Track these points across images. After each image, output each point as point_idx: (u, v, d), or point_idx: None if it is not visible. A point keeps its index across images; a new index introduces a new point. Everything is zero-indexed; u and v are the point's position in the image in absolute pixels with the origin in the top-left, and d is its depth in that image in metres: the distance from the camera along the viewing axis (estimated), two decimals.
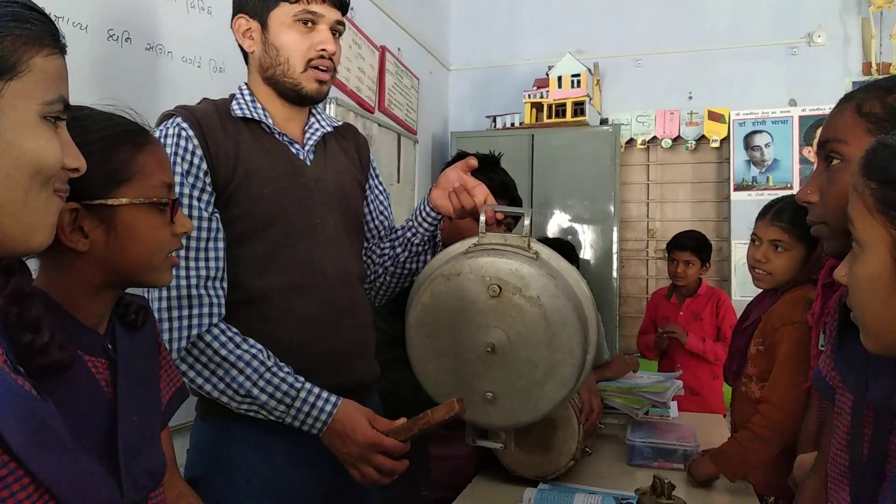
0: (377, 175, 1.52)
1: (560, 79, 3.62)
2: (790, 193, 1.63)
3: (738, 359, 1.74)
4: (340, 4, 1.30)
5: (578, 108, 3.61)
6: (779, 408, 1.53)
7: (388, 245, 1.47)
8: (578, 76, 3.59)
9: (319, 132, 1.35)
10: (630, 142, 3.90)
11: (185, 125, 1.19)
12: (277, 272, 1.24)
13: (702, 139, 3.81)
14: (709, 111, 3.76)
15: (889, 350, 0.75)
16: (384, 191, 1.53)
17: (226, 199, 1.21)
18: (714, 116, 3.76)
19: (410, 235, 1.42)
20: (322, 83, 1.29)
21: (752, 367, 1.67)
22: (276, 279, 1.24)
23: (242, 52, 1.33)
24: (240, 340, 1.18)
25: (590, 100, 3.62)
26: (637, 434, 1.80)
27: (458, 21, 4.22)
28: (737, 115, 3.71)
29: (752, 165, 3.68)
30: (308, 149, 1.33)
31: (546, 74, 3.71)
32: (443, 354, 1.26)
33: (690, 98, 3.81)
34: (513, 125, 3.81)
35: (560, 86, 3.63)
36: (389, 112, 3.27)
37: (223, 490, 1.21)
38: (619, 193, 3.65)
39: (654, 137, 3.88)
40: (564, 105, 3.63)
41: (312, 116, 1.37)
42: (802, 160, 3.59)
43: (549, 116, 3.67)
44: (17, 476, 0.57)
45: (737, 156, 3.70)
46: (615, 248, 3.60)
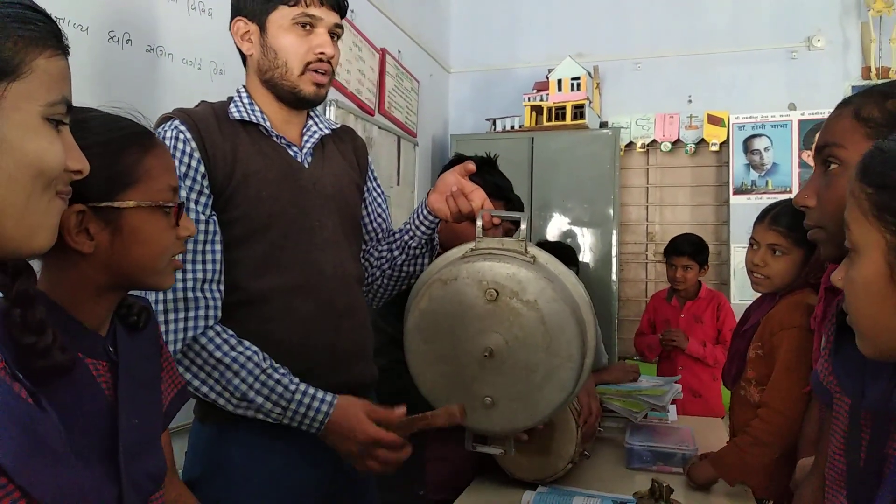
0: (375, 177, 1.52)
1: (560, 82, 3.63)
2: (789, 197, 1.63)
3: (737, 362, 1.74)
4: (339, 7, 1.30)
5: (578, 112, 3.61)
6: (778, 412, 1.53)
7: (386, 248, 1.48)
8: (578, 79, 3.60)
9: (317, 134, 1.35)
10: (629, 145, 3.90)
11: (183, 128, 1.19)
12: (276, 273, 1.24)
13: (701, 143, 3.82)
14: (708, 115, 3.76)
15: (885, 354, 0.75)
16: (382, 193, 1.53)
17: (224, 202, 1.22)
18: (713, 120, 3.76)
19: (408, 238, 1.42)
20: (320, 86, 1.29)
21: (751, 371, 1.67)
22: (275, 280, 1.24)
23: (241, 55, 1.33)
24: (235, 342, 1.18)
25: (589, 103, 3.63)
26: (636, 437, 1.80)
27: (459, 24, 4.23)
28: (736, 119, 3.71)
29: (752, 169, 3.68)
30: (306, 151, 1.33)
31: (546, 77, 3.72)
32: (441, 359, 1.26)
33: (690, 101, 3.82)
34: (512, 128, 3.81)
35: (560, 89, 3.64)
36: (389, 114, 3.27)
37: (222, 492, 1.20)
38: (619, 197, 3.65)
39: (654, 141, 3.88)
40: (564, 108, 3.63)
41: (310, 119, 1.38)
42: (802, 164, 3.59)
43: (549, 119, 3.67)
44: (8, 490, 0.56)
45: (736, 159, 3.70)
46: (614, 252, 3.60)
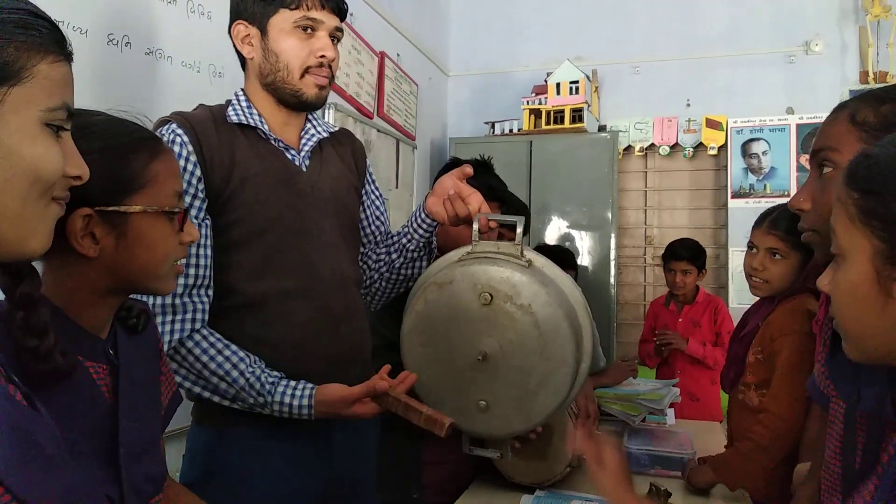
0: (373, 180, 1.52)
1: (558, 85, 3.64)
2: (787, 201, 1.63)
3: (736, 367, 1.74)
4: (339, 11, 1.30)
5: (577, 115, 3.62)
6: (779, 417, 1.53)
7: (384, 251, 1.48)
8: (577, 83, 3.60)
9: (315, 138, 1.36)
10: (628, 149, 3.91)
11: (180, 131, 1.20)
12: (274, 277, 1.24)
13: (699, 146, 3.82)
14: (706, 118, 3.77)
15: (871, 358, 0.75)
16: (380, 196, 1.53)
17: (221, 205, 1.22)
18: (712, 124, 3.77)
19: (406, 241, 1.42)
20: (321, 88, 1.30)
21: (751, 376, 1.67)
22: (273, 284, 1.24)
23: (240, 58, 1.33)
24: (222, 346, 1.19)
25: (588, 106, 3.63)
26: (634, 441, 1.80)
27: (458, 27, 4.23)
28: (734, 123, 3.72)
29: (750, 173, 3.69)
30: (304, 154, 1.33)
31: (544, 81, 3.72)
32: (436, 362, 1.26)
33: (688, 105, 3.82)
34: (511, 131, 3.82)
35: (558, 92, 3.64)
36: (388, 118, 3.28)
37: (220, 494, 1.20)
38: (617, 200, 3.65)
39: (652, 144, 3.88)
40: (563, 111, 3.64)
41: (309, 122, 1.38)
42: (800, 168, 3.59)
43: (548, 123, 3.68)
44: None
45: (734, 163, 3.71)
46: (613, 255, 3.60)
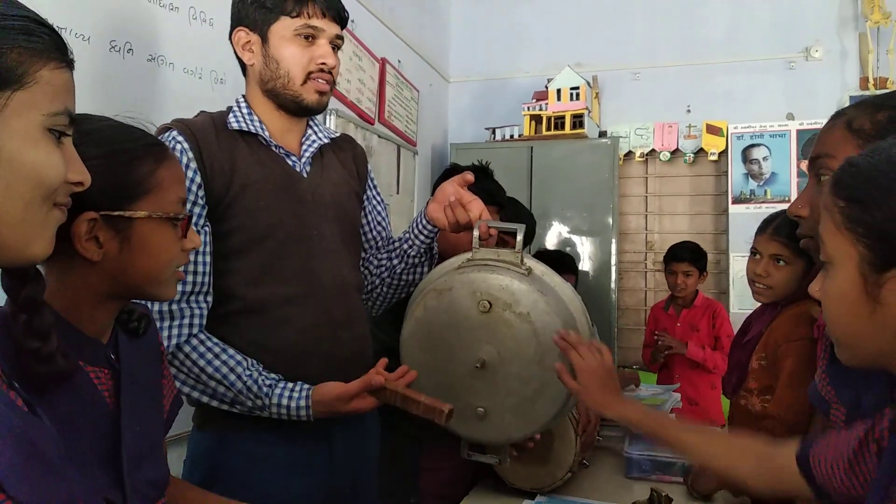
0: (375, 186, 1.53)
1: (559, 91, 3.64)
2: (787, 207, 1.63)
3: (738, 372, 1.73)
4: (340, 19, 1.31)
5: (577, 121, 3.62)
6: (784, 423, 1.53)
7: (385, 256, 1.48)
8: (577, 89, 3.61)
9: (316, 144, 1.36)
10: (628, 154, 3.91)
11: (181, 138, 1.20)
12: (274, 283, 1.25)
13: (700, 152, 3.83)
14: (707, 124, 3.78)
15: (864, 363, 0.77)
16: (382, 201, 1.54)
17: (221, 212, 1.22)
18: (712, 130, 3.77)
19: (407, 247, 1.43)
20: (322, 94, 1.31)
21: (753, 382, 1.66)
22: (273, 290, 1.25)
23: (240, 64, 1.34)
24: (219, 350, 1.19)
25: (588, 112, 3.64)
26: (635, 446, 1.79)
27: (458, 33, 4.25)
28: (735, 129, 3.72)
29: (750, 178, 3.69)
30: (305, 161, 1.34)
31: (545, 87, 3.73)
32: (435, 369, 1.26)
33: (689, 111, 3.83)
34: (512, 137, 3.82)
35: (559, 98, 3.65)
36: (389, 123, 3.29)
37: None
38: (618, 206, 3.65)
39: (653, 150, 3.89)
40: (563, 117, 3.64)
41: (310, 128, 1.38)
42: (800, 174, 3.60)
43: (548, 129, 3.68)
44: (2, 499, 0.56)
45: (735, 169, 3.71)
46: (613, 261, 3.60)
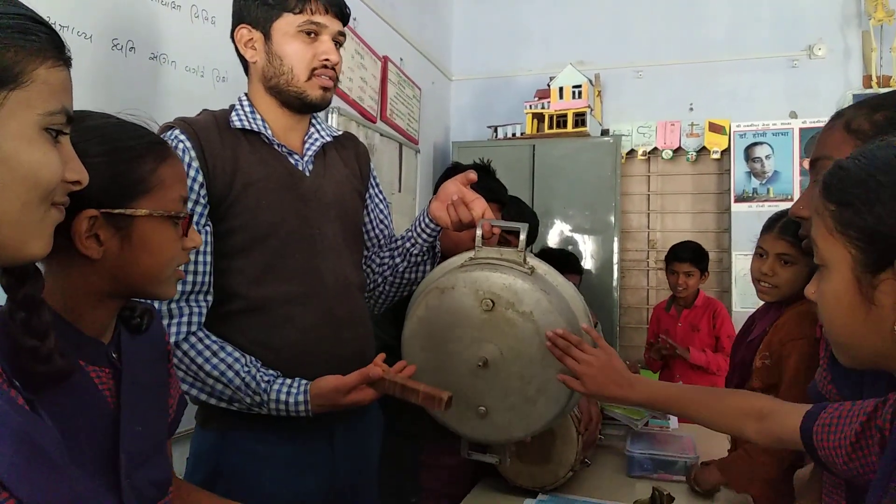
0: (377, 184, 1.52)
1: (561, 90, 3.64)
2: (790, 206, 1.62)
3: (741, 372, 1.73)
4: (342, 15, 1.31)
5: (579, 119, 3.62)
6: None
7: (388, 255, 1.48)
8: (580, 87, 3.60)
9: (319, 142, 1.36)
10: (631, 153, 3.90)
11: (183, 137, 1.20)
12: (277, 282, 1.25)
13: (702, 150, 3.82)
14: (709, 123, 3.77)
15: (861, 363, 0.77)
16: (384, 200, 1.54)
17: (224, 211, 1.22)
18: (715, 128, 3.76)
19: (409, 246, 1.43)
20: (326, 90, 1.30)
21: (757, 381, 1.65)
22: (276, 289, 1.24)
23: (242, 62, 1.34)
24: (217, 348, 1.19)
25: (591, 111, 3.64)
26: (637, 445, 1.79)
27: (460, 31, 4.24)
28: (737, 127, 3.72)
29: (753, 177, 3.69)
30: (307, 159, 1.33)
31: (547, 85, 3.73)
32: (436, 368, 1.26)
33: (691, 109, 3.82)
34: (514, 135, 3.82)
35: (561, 96, 3.65)
36: (391, 122, 3.28)
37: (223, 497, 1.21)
38: (620, 204, 3.65)
39: (655, 148, 3.88)
40: (565, 116, 3.64)
41: (312, 126, 1.38)
42: (803, 172, 3.59)
43: (551, 127, 3.68)
44: (2, 498, 0.56)
45: (737, 167, 3.71)
46: (615, 259, 3.60)
